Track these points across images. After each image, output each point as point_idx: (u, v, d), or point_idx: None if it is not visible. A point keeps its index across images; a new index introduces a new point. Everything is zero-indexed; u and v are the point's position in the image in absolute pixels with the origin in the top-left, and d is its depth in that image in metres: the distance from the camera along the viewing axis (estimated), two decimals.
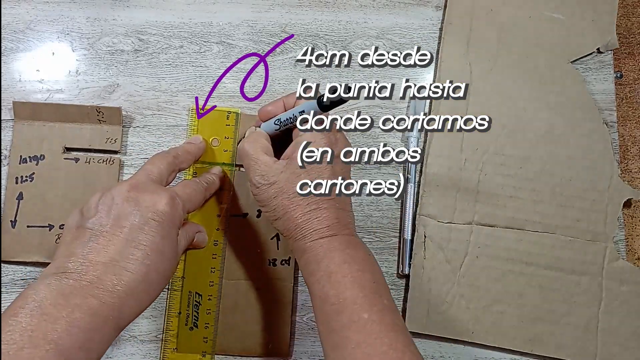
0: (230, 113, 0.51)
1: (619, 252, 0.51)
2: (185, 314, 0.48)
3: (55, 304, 0.32)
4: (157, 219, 0.36)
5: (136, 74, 0.53)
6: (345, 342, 0.34)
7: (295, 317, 0.50)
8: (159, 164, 0.41)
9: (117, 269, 0.34)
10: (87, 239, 0.35)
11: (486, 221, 0.51)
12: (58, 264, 0.34)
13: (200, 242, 0.43)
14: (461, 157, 0.52)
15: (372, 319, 0.35)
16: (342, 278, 0.36)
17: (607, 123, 0.54)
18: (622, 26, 0.58)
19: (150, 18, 0.54)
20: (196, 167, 0.50)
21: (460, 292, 0.50)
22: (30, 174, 0.49)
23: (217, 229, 0.49)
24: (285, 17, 0.55)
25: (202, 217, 0.49)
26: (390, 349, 0.34)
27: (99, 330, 0.33)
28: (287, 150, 0.41)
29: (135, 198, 0.37)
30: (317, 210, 0.38)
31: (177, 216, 0.38)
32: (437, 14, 0.56)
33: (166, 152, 0.44)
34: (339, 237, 0.38)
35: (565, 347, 0.49)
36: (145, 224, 0.36)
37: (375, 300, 0.36)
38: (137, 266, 0.35)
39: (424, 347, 0.50)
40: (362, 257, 0.38)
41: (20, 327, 0.30)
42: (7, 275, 0.49)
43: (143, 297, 0.35)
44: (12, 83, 0.52)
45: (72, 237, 0.36)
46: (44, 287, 0.33)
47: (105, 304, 0.33)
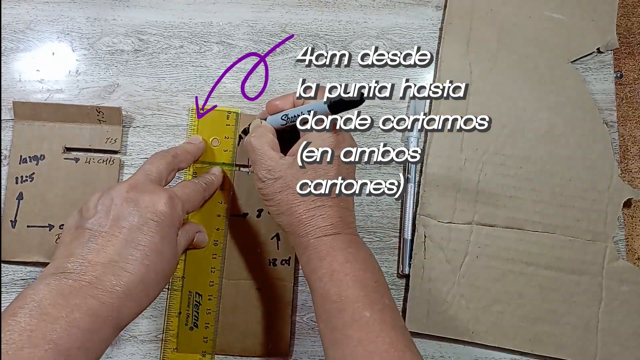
0: (230, 113, 0.51)
1: (619, 252, 0.51)
2: (185, 314, 0.48)
3: (54, 304, 0.32)
4: (156, 219, 0.36)
5: (136, 74, 0.53)
6: (346, 340, 0.35)
7: (295, 317, 0.50)
8: (157, 164, 0.41)
9: (116, 270, 0.34)
10: (86, 240, 0.35)
11: (486, 221, 0.51)
12: (57, 264, 0.34)
13: (200, 242, 0.43)
14: (461, 157, 0.52)
15: (373, 317, 0.35)
16: (344, 277, 0.36)
17: (607, 123, 0.54)
18: (622, 26, 0.58)
19: (150, 18, 0.54)
20: (196, 167, 0.50)
21: (460, 292, 0.50)
22: (30, 174, 0.49)
23: (217, 228, 0.49)
24: (285, 17, 0.55)
25: (202, 217, 0.49)
26: (391, 348, 0.34)
27: (98, 330, 0.33)
28: (295, 146, 0.41)
29: (135, 198, 0.37)
30: (322, 207, 0.38)
31: (176, 216, 0.38)
32: (437, 14, 0.56)
33: (165, 151, 0.44)
34: (341, 235, 0.38)
35: (565, 347, 0.49)
36: (145, 224, 0.36)
37: (376, 299, 0.36)
38: (136, 266, 0.35)
39: (424, 347, 0.50)
40: (364, 257, 0.38)
41: (19, 327, 0.30)
42: (7, 275, 0.49)
43: (142, 298, 0.35)
44: (12, 83, 0.52)
45: (71, 238, 0.36)
46: (43, 287, 0.33)
47: (104, 304, 0.33)
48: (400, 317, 0.37)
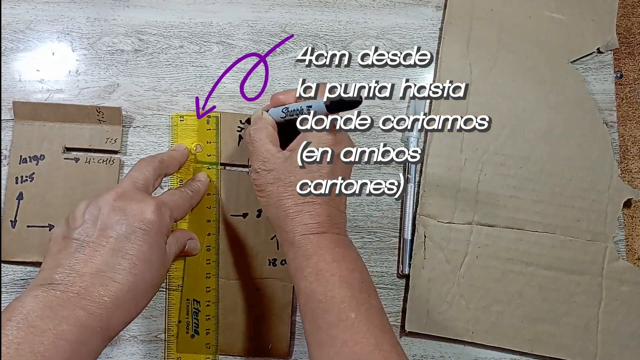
0: (210, 117, 0.50)
1: (619, 252, 0.51)
2: (185, 322, 0.48)
3: (41, 317, 0.32)
4: (143, 228, 0.36)
5: (136, 74, 0.53)
6: (332, 340, 0.35)
7: (295, 317, 0.50)
8: (144, 170, 0.41)
9: (104, 280, 0.34)
10: (73, 250, 0.35)
11: (486, 221, 0.51)
12: (45, 275, 0.34)
13: (192, 249, 0.43)
14: (461, 157, 0.52)
15: (359, 318, 0.35)
16: (330, 276, 0.36)
17: (607, 123, 0.54)
18: (622, 26, 0.58)
19: (150, 18, 0.54)
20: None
21: (460, 292, 0.49)
22: (30, 174, 0.49)
23: (209, 234, 0.49)
24: (285, 17, 0.55)
25: (192, 224, 0.49)
26: (377, 349, 0.34)
27: (86, 342, 0.33)
28: (293, 142, 0.41)
29: (122, 207, 0.37)
30: (311, 204, 0.38)
31: (164, 224, 0.38)
32: (437, 14, 0.56)
33: (151, 157, 0.44)
34: (328, 235, 0.38)
35: (565, 347, 0.49)
36: (132, 233, 0.36)
37: (363, 300, 0.36)
38: (124, 276, 0.35)
39: (424, 347, 0.50)
40: (352, 257, 0.38)
41: (7, 341, 0.30)
42: (7, 275, 0.49)
43: (131, 308, 0.35)
44: (12, 83, 0.52)
45: (59, 248, 0.36)
46: (30, 300, 0.32)
47: (92, 315, 0.33)
48: (386, 318, 0.37)
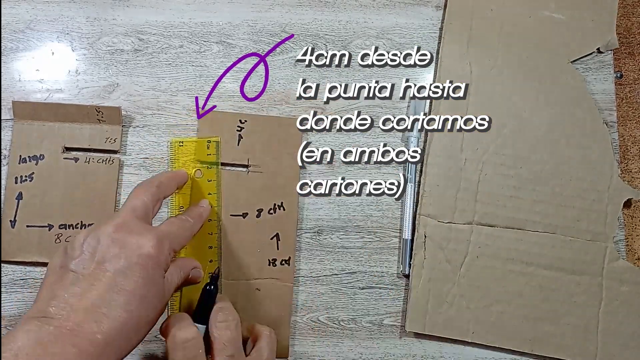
0: (210, 142, 0.49)
1: (619, 252, 0.51)
2: None
3: (31, 354, 0.31)
4: (142, 263, 0.36)
5: (136, 74, 0.53)
6: None
7: (296, 317, 0.50)
8: (143, 197, 0.40)
9: (98, 316, 0.33)
10: (69, 282, 0.35)
11: (486, 221, 0.51)
12: (40, 306, 0.34)
13: (196, 277, 0.43)
14: (461, 157, 0.52)
15: None
16: None
17: (607, 123, 0.54)
18: (622, 26, 0.58)
19: (150, 18, 0.54)
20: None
21: (460, 292, 0.49)
22: (30, 174, 0.49)
23: (210, 260, 0.49)
24: (285, 17, 0.55)
25: (194, 251, 0.48)
26: None
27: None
28: None
29: (121, 240, 0.36)
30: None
31: (162, 258, 0.37)
32: (437, 14, 0.56)
33: (148, 182, 0.43)
34: None
35: (566, 347, 0.49)
36: (129, 268, 0.35)
37: None
38: (118, 312, 0.34)
39: (424, 347, 0.50)
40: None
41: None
42: (6, 275, 0.49)
43: (123, 345, 0.35)
44: (11, 83, 0.52)
45: (55, 279, 0.35)
46: (22, 336, 0.32)
47: (83, 352, 0.32)
48: None
